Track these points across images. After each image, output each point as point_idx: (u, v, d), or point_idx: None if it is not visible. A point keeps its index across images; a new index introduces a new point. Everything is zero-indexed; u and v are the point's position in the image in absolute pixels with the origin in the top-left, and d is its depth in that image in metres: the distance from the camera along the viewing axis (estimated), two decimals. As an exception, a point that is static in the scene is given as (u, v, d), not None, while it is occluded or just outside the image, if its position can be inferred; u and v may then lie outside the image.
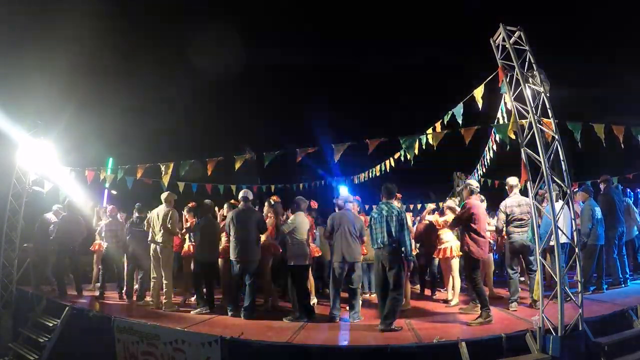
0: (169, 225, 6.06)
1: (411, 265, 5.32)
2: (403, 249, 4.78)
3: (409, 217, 6.45)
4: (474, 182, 5.58)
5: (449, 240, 6.15)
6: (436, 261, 7.00)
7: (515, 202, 5.47)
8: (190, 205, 7.11)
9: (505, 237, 5.77)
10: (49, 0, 11.45)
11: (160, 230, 6.07)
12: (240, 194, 5.90)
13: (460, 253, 5.76)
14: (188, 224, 6.80)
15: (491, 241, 6.45)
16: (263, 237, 6.23)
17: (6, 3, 9.92)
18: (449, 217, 6.14)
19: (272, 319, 5.45)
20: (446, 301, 6.24)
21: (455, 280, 6.14)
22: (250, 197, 5.86)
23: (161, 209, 6.20)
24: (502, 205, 5.62)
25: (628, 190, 7.64)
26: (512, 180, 5.56)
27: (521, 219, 5.38)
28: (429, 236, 6.63)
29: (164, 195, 6.33)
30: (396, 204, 5.26)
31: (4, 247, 7.14)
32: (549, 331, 3.92)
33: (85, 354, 5.25)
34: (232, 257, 5.65)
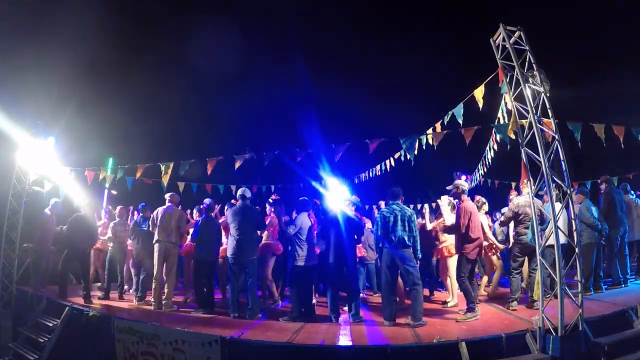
0: (181, 226, 6.22)
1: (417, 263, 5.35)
2: (415, 247, 5.09)
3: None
4: (464, 183, 5.57)
5: (447, 240, 6.14)
6: (434, 261, 6.99)
7: (527, 202, 5.33)
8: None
9: (514, 237, 5.72)
10: (49, 0, 11.46)
11: (172, 231, 6.15)
12: (238, 192, 5.91)
13: (452, 252, 5.77)
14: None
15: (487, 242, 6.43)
16: (264, 237, 6.23)
17: (6, 3, 9.92)
18: (447, 217, 6.14)
19: (272, 319, 5.45)
20: (445, 302, 6.21)
21: (453, 280, 6.12)
22: (248, 195, 5.85)
23: (171, 210, 6.24)
24: (513, 204, 5.59)
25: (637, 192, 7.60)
26: None
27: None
28: (427, 236, 6.63)
29: (171, 196, 6.37)
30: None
31: (4, 247, 7.14)
32: (549, 331, 3.92)
33: (85, 354, 5.24)
34: (228, 255, 5.65)
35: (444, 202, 6.20)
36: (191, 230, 6.61)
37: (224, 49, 13.23)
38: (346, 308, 5.56)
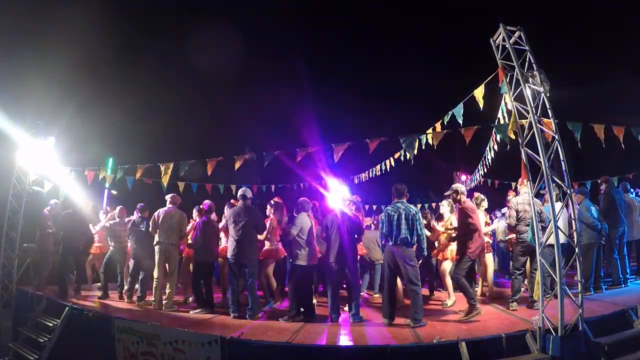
0: (182, 228, 6.25)
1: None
2: (420, 245, 5.02)
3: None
4: (462, 186, 5.57)
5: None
6: (434, 261, 6.98)
7: (526, 200, 5.34)
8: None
9: (515, 235, 5.69)
10: (49, 0, 11.48)
11: (173, 233, 6.16)
12: (239, 192, 5.89)
13: (455, 256, 5.74)
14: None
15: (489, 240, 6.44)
16: (267, 243, 6.21)
17: (6, 3, 9.93)
18: (448, 219, 6.14)
19: (272, 319, 5.44)
20: (444, 302, 6.19)
21: (447, 280, 6.10)
22: (249, 195, 5.82)
23: (173, 211, 6.25)
24: (513, 202, 5.59)
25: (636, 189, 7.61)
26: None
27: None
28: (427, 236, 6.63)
29: (172, 197, 6.37)
30: None
31: (4, 247, 7.15)
32: (549, 331, 3.91)
33: (85, 354, 5.25)
34: (228, 255, 5.65)
35: (445, 210, 6.22)
36: (192, 233, 6.63)
37: (224, 49, 13.24)
38: (346, 308, 5.55)
